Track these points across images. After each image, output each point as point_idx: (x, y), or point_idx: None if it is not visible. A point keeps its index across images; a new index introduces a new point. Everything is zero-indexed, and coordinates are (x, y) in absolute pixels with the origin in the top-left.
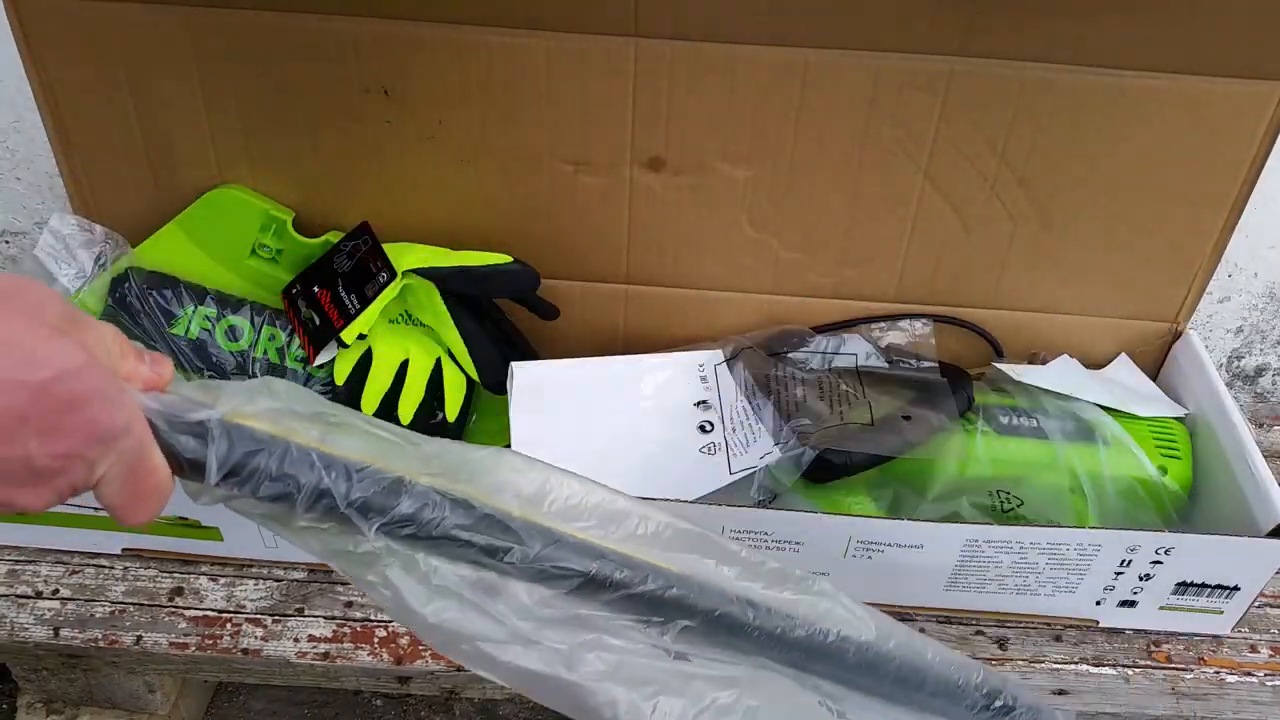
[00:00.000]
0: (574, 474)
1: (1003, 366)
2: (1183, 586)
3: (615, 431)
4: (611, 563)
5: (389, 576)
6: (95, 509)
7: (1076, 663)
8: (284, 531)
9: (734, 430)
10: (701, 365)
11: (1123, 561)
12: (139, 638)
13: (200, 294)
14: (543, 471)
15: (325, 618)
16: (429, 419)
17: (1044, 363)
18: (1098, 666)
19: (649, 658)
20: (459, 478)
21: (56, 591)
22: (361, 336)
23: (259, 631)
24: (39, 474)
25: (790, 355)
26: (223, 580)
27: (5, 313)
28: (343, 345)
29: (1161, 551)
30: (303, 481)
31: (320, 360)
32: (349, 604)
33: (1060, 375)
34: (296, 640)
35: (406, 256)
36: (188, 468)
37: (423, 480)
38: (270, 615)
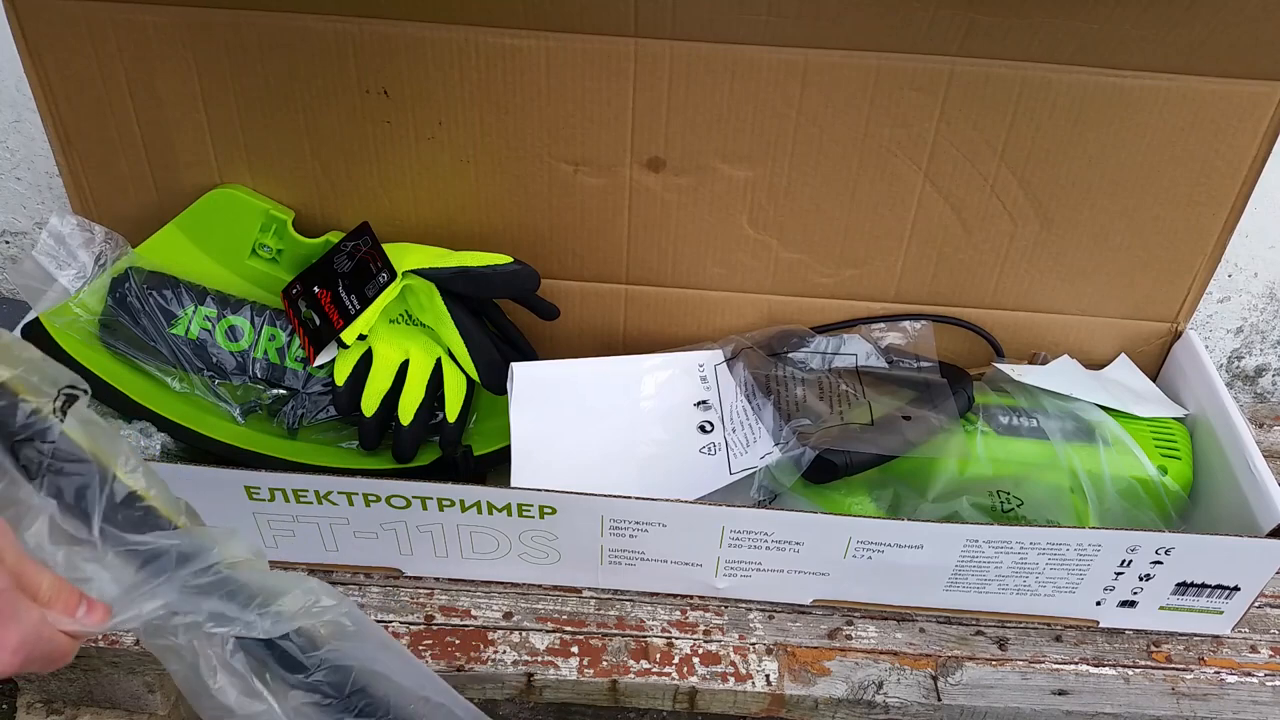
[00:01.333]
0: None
1: (1003, 366)
2: (1183, 587)
3: (615, 432)
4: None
5: (195, 645)
6: None
7: (1076, 663)
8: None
9: (734, 430)
10: (701, 365)
11: (1123, 562)
12: (139, 638)
13: (200, 294)
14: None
15: None
16: (429, 419)
17: (1044, 363)
18: (1098, 667)
19: None
20: (275, 594)
21: None
22: (362, 337)
23: None
24: None
25: (790, 355)
26: None
27: None
28: (343, 345)
29: (1161, 552)
30: (166, 546)
31: (320, 360)
32: None
33: (1060, 375)
34: None
35: (407, 257)
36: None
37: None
38: None
